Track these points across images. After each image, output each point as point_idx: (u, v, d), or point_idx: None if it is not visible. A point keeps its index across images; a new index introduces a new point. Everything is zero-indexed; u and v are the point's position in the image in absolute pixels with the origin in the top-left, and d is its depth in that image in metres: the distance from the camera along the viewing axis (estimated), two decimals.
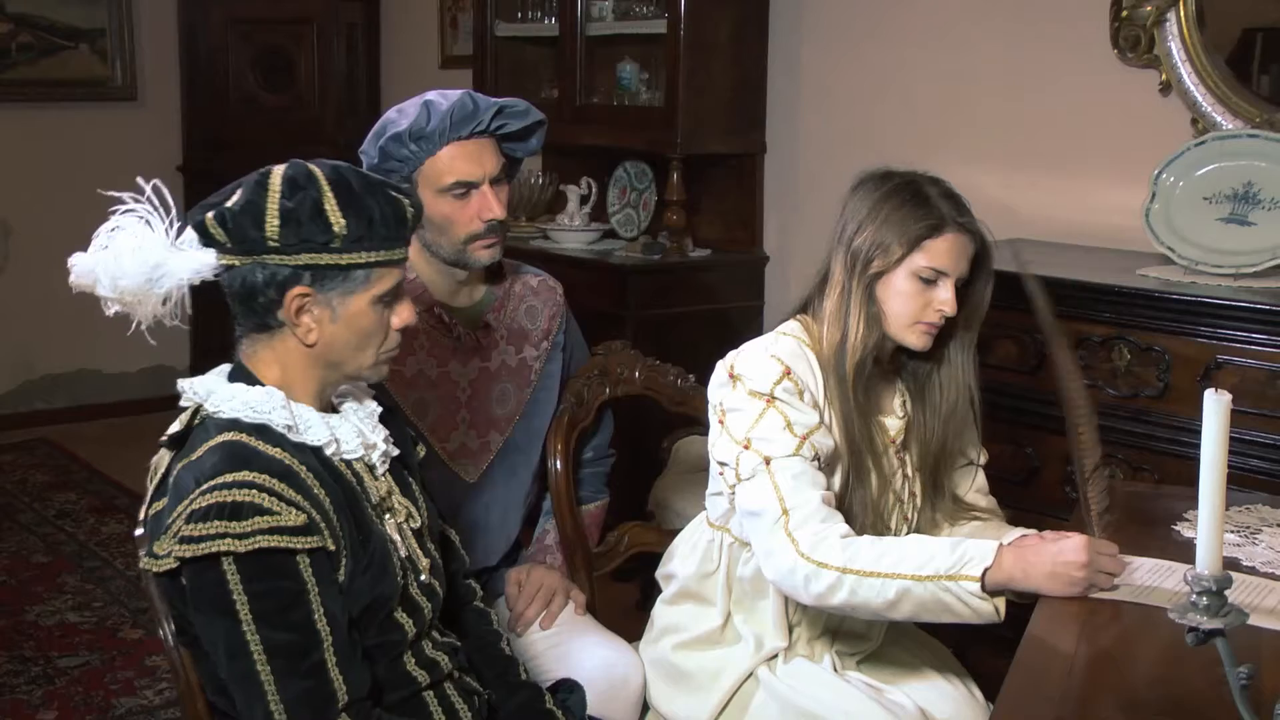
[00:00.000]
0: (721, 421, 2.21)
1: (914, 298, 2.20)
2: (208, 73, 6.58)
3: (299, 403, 1.86)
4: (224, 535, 1.68)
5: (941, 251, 2.19)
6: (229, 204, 1.81)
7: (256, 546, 1.68)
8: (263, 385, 1.85)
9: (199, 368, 6.76)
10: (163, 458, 1.88)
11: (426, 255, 2.48)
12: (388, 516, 1.92)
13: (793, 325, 2.29)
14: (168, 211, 1.85)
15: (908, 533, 2.36)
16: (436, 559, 2.03)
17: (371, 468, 1.93)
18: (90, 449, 6.16)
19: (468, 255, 2.44)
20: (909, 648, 2.43)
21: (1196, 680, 1.65)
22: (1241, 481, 2.63)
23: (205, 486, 1.71)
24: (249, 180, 1.84)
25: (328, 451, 1.85)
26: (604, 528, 2.77)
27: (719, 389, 2.25)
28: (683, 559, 2.41)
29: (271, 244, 1.78)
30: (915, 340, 2.24)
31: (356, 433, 1.90)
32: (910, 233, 2.18)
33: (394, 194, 1.84)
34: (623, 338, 2.99)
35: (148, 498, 1.86)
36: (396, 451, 1.99)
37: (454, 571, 2.16)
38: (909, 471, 2.36)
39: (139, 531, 1.89)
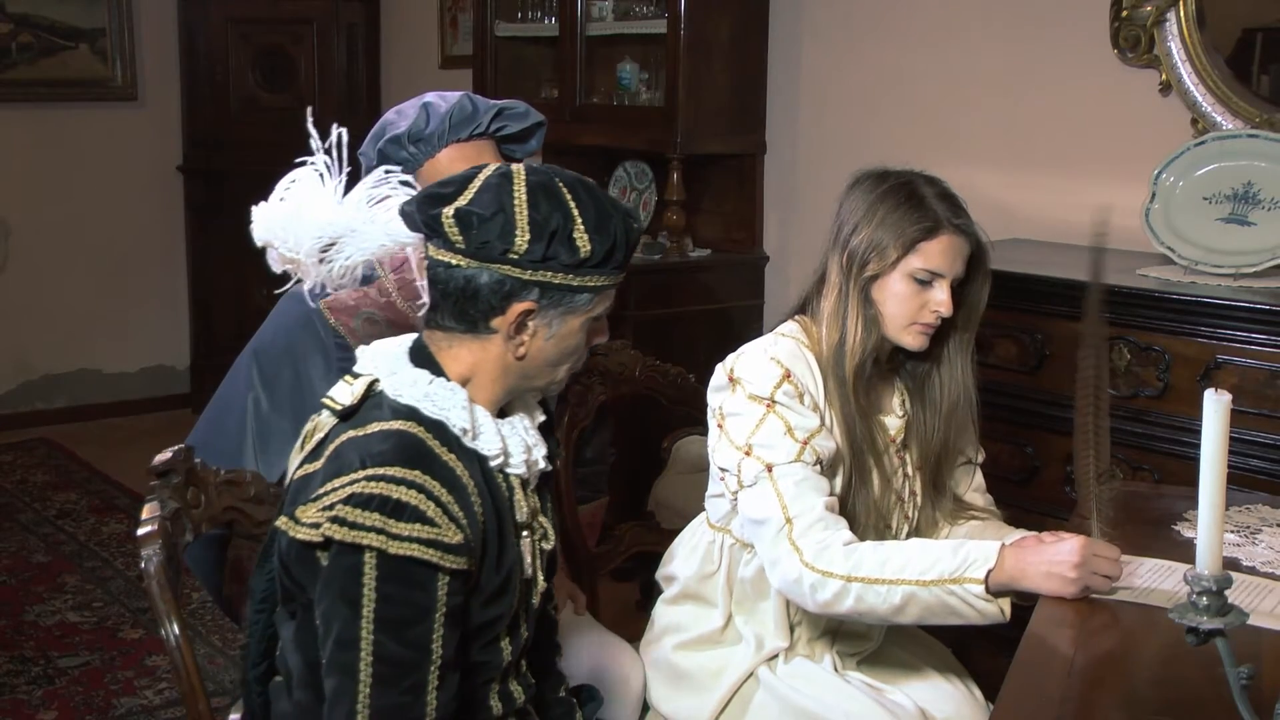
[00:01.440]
0: (721, 426, 2.21)
1: (910, 299, 2.20)
2: (208, 73, 6.58)
3: (477, 404, 1.80)
4: (379, 531, 1.62)
5: (936, 253, 2.19)
6: (468, 204, 1.73)
7: (406, 553, 1.63)
8: (446, 379, 1.79)
9: (199, 367, 6.76)
10: (324, 422, 1.80)
11: None
12: (525, 534, 1.85)
13: (791, 326, 2.29)
14: (342, 167, 1.81)
15: (908, 532, 2.36)
16: (549, 585, 1.98)
17: (525, 483, 1.86)
18: (90, 449, 6.16)
19: None
20: (909, 648, 2.43)
21: (1196, 680, 1.65)
22: (1241, 481, 2.63)
23: (373, 472, 1.65)
24: (488, 181, 1.76)
25: (493, 464, 1.79)
26: (604, 527, 2.77)
27: (718, 392, 2.25)
28: (683, 560, 2.41)
29: (512, 256, 1.72)
30: (911, 341, 2.24)
31: (523, 446, 1.84)
32: (906, 235, 2.18)
33: (629, 217, 1.80)
34: (623, 338, 3.00)
35: (301, 456, 1.79)
36: (550, 468, 1.93)
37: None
38: (909, 470, 2.36)
39: (288, 477, 1.81)
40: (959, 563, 2.00)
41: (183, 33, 6.60)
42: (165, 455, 1.99)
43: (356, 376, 1.80)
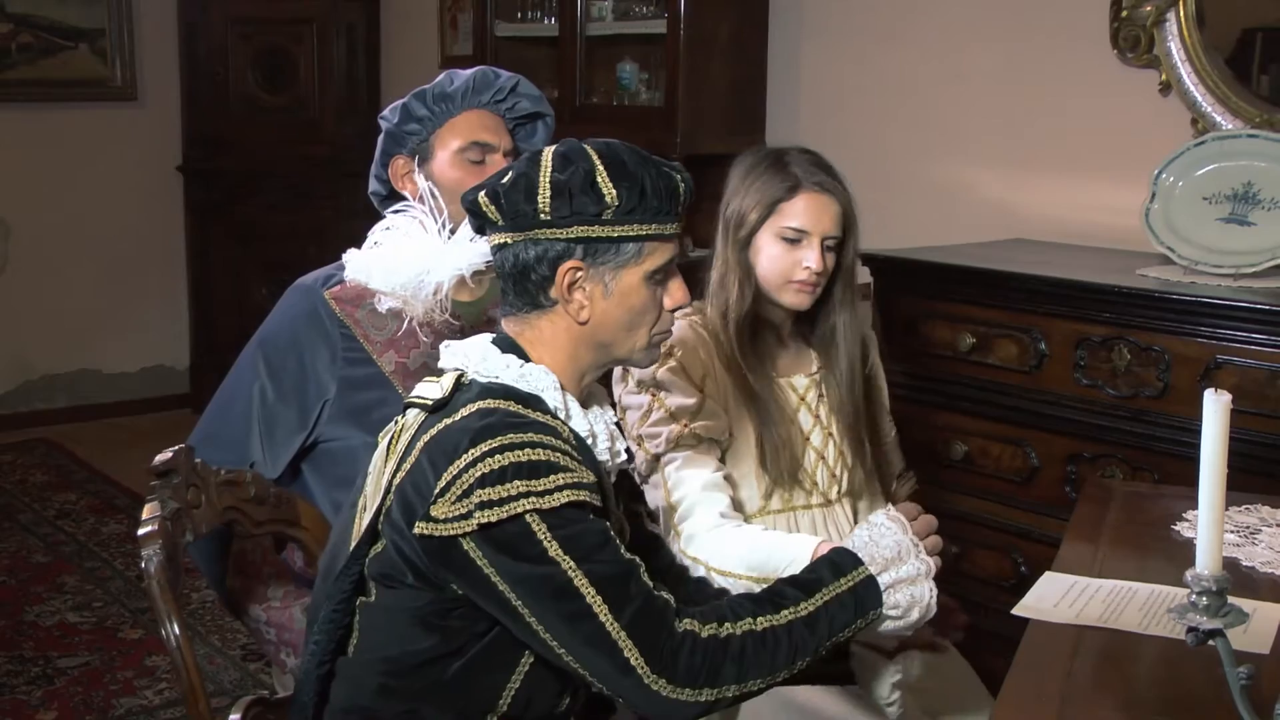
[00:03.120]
0: (621, 420, 2.27)
1: (781, 258, 2.34)
2: (207, 73, 6.58)
3: (565, 391, 1.82)
4: (527, 494, 1.64)
5: (799, 211, 2.33)
6: (501, 181, 1.79)
7: (562, 502, 1.65)
8: (533, 363, 1.81)
9: (199, 367, 6.76)
10: (409, 422, 1.81)
11: None
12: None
13: (686, 310, 2.35)
14: (440, 212, 1.83)
15: (839, 492, 2.46)
16: None
17: (607, 472, 1.87)
18: (90, 449, 6.16)
19: None
20: None
21: (1196, 680, 1.65)
22: (1241, 482, 2.62)
23: (490, 446, 1.66)
24: (521, 159, 1.82)
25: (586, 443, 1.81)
26: None
27: (616, 385, 2.38)
28: None
29: (544, 217, 1.75)
30: (792, 299, 2.37)
31: (607, 435, 1.86)
32: (768, 195, 2.34)
33: (666, 168, 1.82)
34: None
35: (394, 460, 1.78)
36: (630, 465, 1.95)
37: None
38: (833, 431, 2.45)
39: (379, 485, 1.79)
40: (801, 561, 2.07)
41: (182, 33, 6.60)
42: (165, 455, 1.99)
43: (440, 373, 1.82)
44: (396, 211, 1.86)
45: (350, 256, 1.88)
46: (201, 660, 3.85)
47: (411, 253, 1.82)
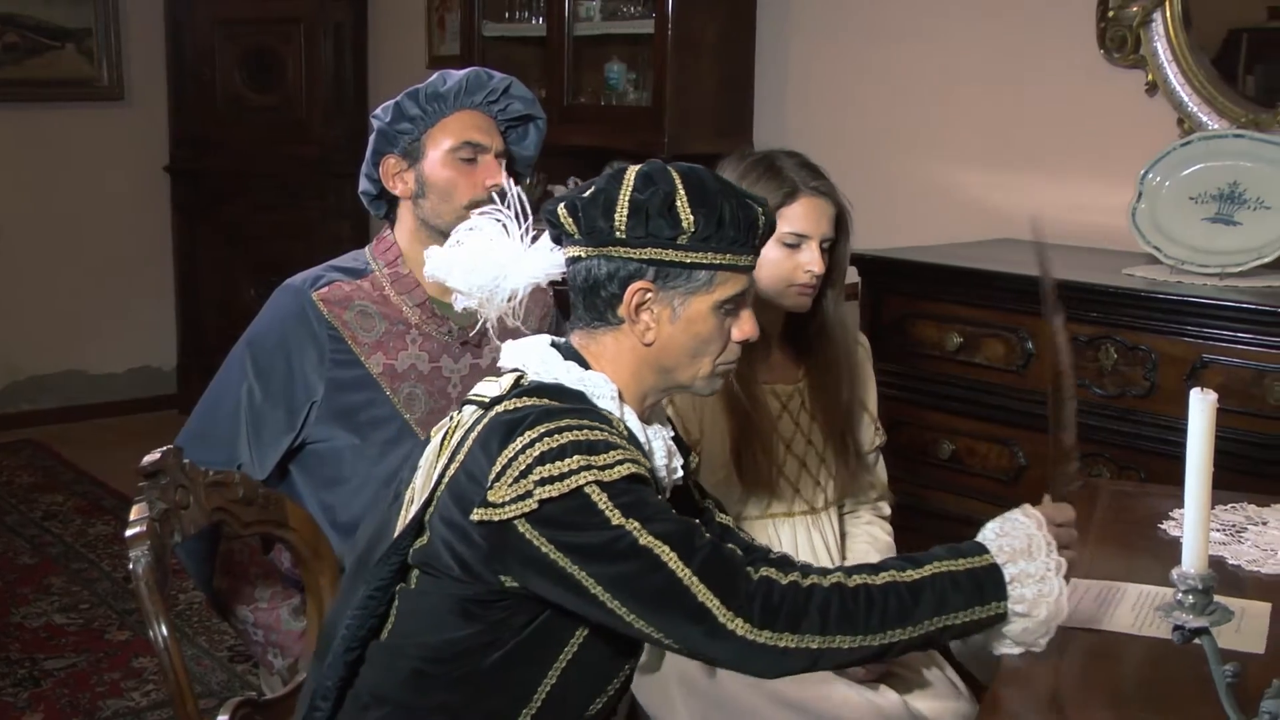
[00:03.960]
0: None
1: (781, 263, 2.33)
2: (194, 72, 6.56)
3: (625, 404, 1.81)
4: (587, 468, 1.63)
5: (799, 216, 2.33)
6: (583, 195, 1.79)
7: (624, 474, 1.65)
8: (593, 371, 1.81)
9: (186, 368, 6.74)
10: (464, 419, 1.80)
11: (423, 238, 2.48)
12: None
13: None
14: (525, 217, 1.83)
15: (825, 501, 2.48)
16: None
17: (662, 491, 1.86)
18: (77, 450, 6.15)
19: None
20: None
21: (1183, 678, 1.65)
22: (1227, 480, 2.63)
23: (550, 428, 1.66)
24: (606, 174, 1.82)
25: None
26: None
27: None
28: None
29: (619, 235, 1.75)
30: (793, 302, 2.37)
31: (665, 452, 1.85)
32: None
33: (748, 200, 1.80)
34: None
35: (446, 455, 1.77)
36: (681, 480, 1.92)
37: None
38: (814, 438, 2.45)
39: (429, 481, 1.77)
40: None
41: (169, 32, 6.59)
42: (153, 456, 1.99)
43: (501, 373, 1.83)
44: (483, 213, 1.87)
45: (431, 253, 1.89)
46: (189, 661, 3.84)
47: (492, 255, 1.83)
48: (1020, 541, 1.71)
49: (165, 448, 2.01)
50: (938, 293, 3.27)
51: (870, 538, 2.56)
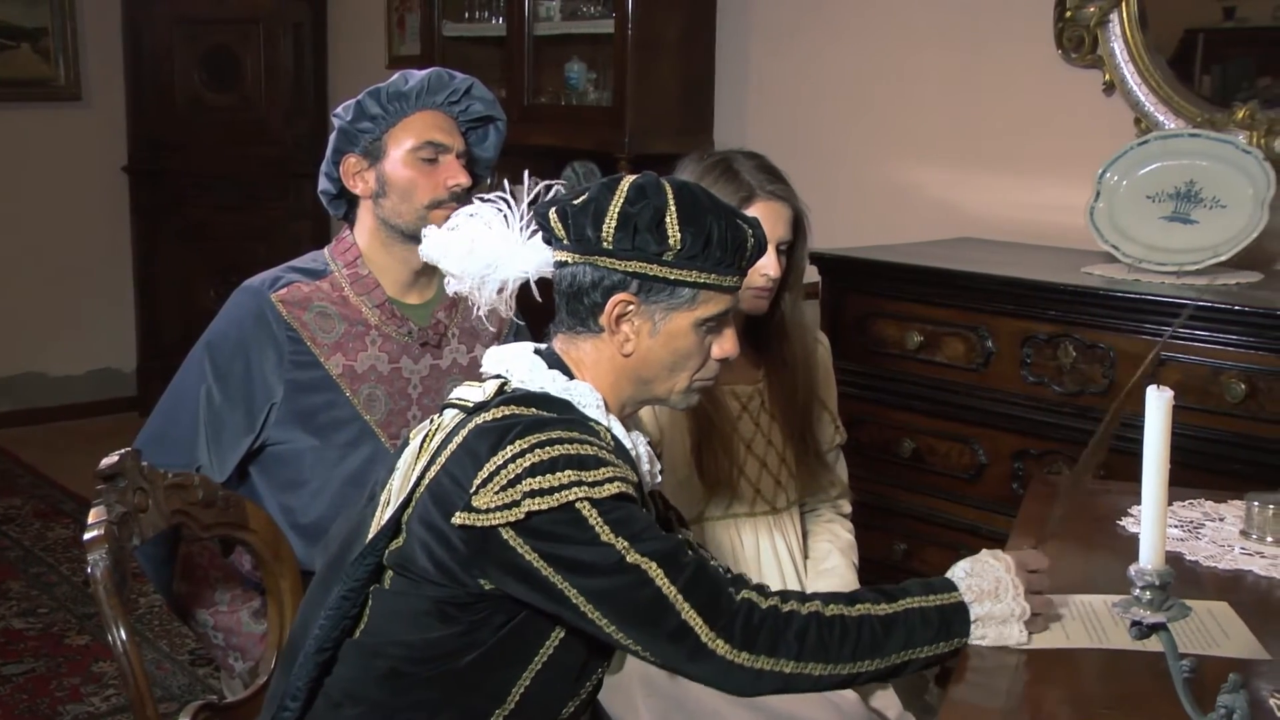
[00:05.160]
0: None
1: None
2: (153, 72, 6.52)
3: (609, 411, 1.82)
4: (578, 484, 1.64)
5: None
6: (575, 201, 1.79)
7: (614, 492, 1.65)
8: (578, 380, 1.81)
9: (146, 370, 6.68)
10: (445, 422, 1.79)
11: (383, 238, 2.48)
12: None
13: None
14: (526, 210, 1.82)
15: (787, 501, 2.49)
16: None
17: (646, 503, 1.86)
18: (35, 453, 6.10)
19: (428, 224, 2.44)
20: None
21: (1142, 674, 1.67)
22: (1184, 477, 2.65)
23: (540, 439, 1.66)
24: (600, 182, 1.82)
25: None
26: None
27: None
28: None
29: (605, 245, 1.75)
30: (749, 305, 2.34)
31: (647, 459, 1.86)
32: None
33: (739, 221, 1.81)
34: None
35: (425, 458, 1.76)
36: (657, 488, 1.94)
37: None
38: (773, 439, 2.46)
39: (407, 482, 1.77)
40: None
41: (127, 32, 6.54)
42: (112, 459, 1.97)
43: (483, 378, 1.82)
44: (485, 200, 1.86)
45: (429, 232, 1.88)
46: (149, 665, 3.82)
47: (488, 243, 1.82)
48: (989, 583, 1.74)
49: (124, 450, 2.00)
50: (898, 292, 3.28)
51: (831, 535, 2.57)
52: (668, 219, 1.75)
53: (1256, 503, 2.18)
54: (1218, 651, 1.72)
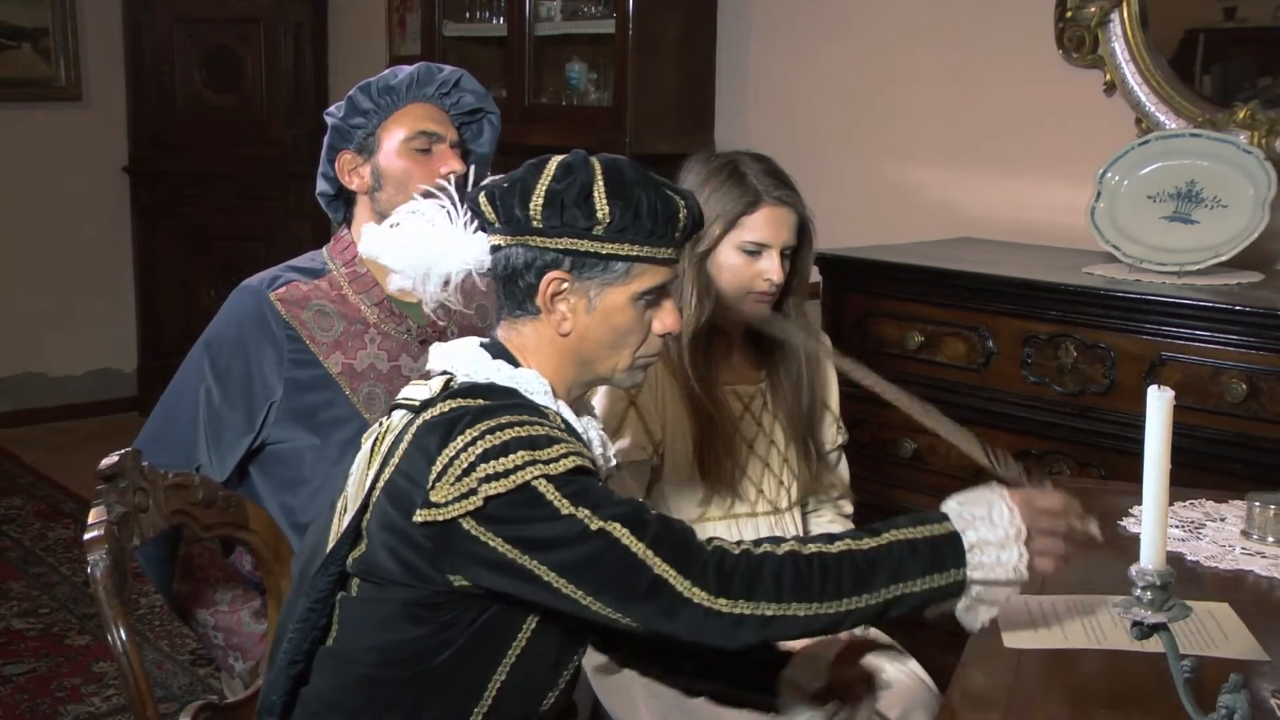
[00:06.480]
0: None
1: (741, 270, 2.34)
2: (153, 72, 6.51)
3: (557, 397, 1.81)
4: (532, 463, 1.62)
5: (760, 225, 2.33)
6: (502, 183, 1.79)
7: (569, 467, 1.64)
8: (524, 368, 1.80)
9: (146, 370, 6.68)
10: (394, 423, 1.78)
11: None
12: None
13: None
14: (462, 204, 1.82)
15: (789, 502, 2.48)
16: None
17: (601, 481, 1.85)
18: (35, 453, 6.09)
19: None
20: None
21: (1142, 674, 1.67)
22: (1185, 477, 2.65)
23: (490, 425, 1.65)
24: (529, 163, 1.82)
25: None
26: None
27: None
28: None
29: (535, 225, 1.75)
30: (751, 309, 2.36)
31: (599, 442, 1.86)
32: (730, 210, 2.33)
33: (670, 192, 1.79)
34: None
35: (378, 460, 1.75)
36: (615, 472, 1.93)
37: None
38: (775, 438, 2.46)
39: (361, 484, 1.76)
40: None
41: (128, 32, 6.53)
42: (112, 459, 1.97)
43: (429, 376, 1.81)
44: (427, 195, 1.85)
45: (368, 229, 1.88)
46: (150, 666, 3.82)
47: (428, 238, 1.82)
48: (980, 509, 1.68)
49: (124, 450, 2.00)
50: (899, 291, 3.28)
51: None
52: (595, 193, 1.74)
53: (1257, 503, 2.18)
54: (1217, 652, 1.72)
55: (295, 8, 6.55)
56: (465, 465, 1.63)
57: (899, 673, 2.39)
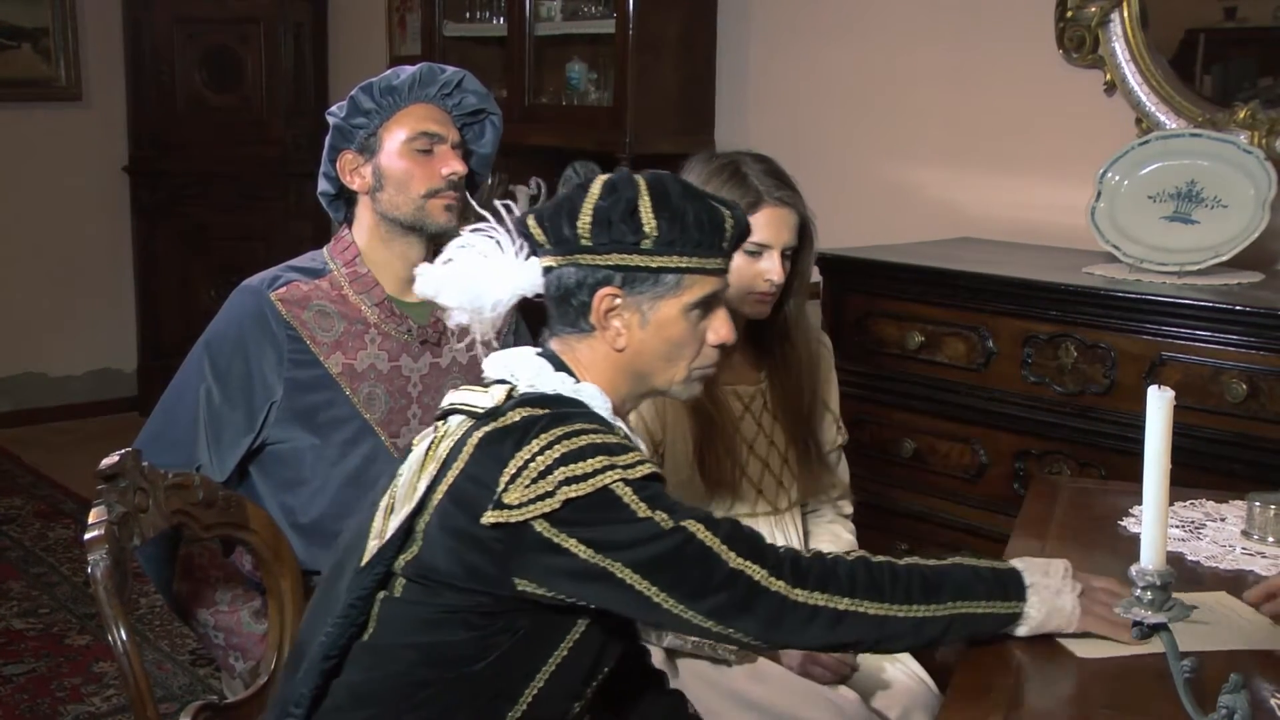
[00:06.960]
0: None
1: (742, 270, 2.30)
2: (154, 72, 6.51)
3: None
4: (611, 467, 1.65)
5: (761, 225, 2.31)
6: (550, 204, 1.82)
7: (645, 473, 1.67)
8: (584, 383, 1.82)
9: (146, 370, 6.68)
10: (452, 429, 1.78)
11: (382, 233, 2.48)
12: None
13: None
14: (515, 235, 1.83)
15: (789, 503, 2.49)
16: None
17: None
18: (35, 453, 6.10)
19: (426, 214, 2.45)
20: None
21: (1143, 674, 1.66)
22: (1186, 477, 2.65)
23: (566, 431, 1.68)
24: (573, 184, 1.84)
25: None
26: None
27: None
28: None
29: (584, 243, 1.77)
30: (752, 310, 2.36)
31: (649, 457, 1.87)
32: None
33: (714, 203, 1.82)
34: None
35: (433, 468, 1.75)
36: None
37: None
38: (776, 439, 2.46)
39: (411, 489, 1.76)
40: None
41: (128, 32, 6.54)
42: (112, 459, 1.97)
43: (487, 385, 1.81)
44: (475, 230, 1.86)
45: (422, 270, 1.88)
46: (150, 666, 3.82)
47: (482, 270, 1.83)
48: (1039, 565, 1.77)
49: (124, 450, 2.00)
50: (899, 292, 3.28)
51: (833, 536, 2.57)
52: (641, 207, 1.76)
53: (1258, 503, 2.18)
54: (1218, 645, 1.72)
55: (295, 8, 6.55)
56: (543, 468, 1.65)
57: (899, 673, 2.40)
